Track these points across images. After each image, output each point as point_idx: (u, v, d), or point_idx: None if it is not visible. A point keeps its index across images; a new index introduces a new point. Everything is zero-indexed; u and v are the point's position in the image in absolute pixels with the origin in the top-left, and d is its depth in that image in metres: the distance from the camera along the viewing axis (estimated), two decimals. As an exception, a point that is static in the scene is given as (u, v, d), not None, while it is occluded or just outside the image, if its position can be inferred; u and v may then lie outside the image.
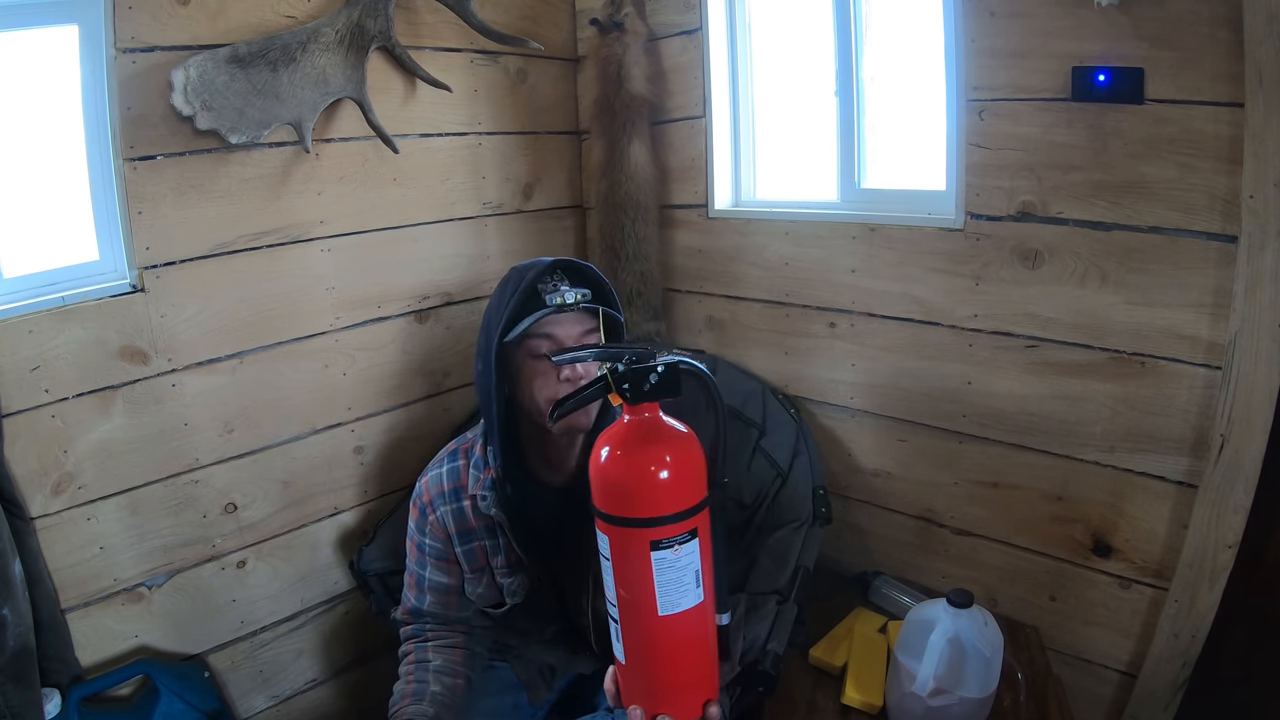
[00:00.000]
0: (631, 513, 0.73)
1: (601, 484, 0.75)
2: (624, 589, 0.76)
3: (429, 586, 1.20)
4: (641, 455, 0.74)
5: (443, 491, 1.18)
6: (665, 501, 0.73)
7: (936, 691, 1.11)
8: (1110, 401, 1.34)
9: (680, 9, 1.71)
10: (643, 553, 0.73)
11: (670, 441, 0.75)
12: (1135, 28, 1.19)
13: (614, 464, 0.74)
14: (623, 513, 0.74)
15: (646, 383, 0.75)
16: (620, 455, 0.75)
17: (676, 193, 1.81)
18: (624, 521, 0.74)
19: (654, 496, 0.73)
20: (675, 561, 0.73)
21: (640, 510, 0.73)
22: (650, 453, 0.73)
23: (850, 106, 1.60)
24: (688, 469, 0.74)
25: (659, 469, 0.73)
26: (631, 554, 0.74)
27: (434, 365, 1.73)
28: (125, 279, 1.30)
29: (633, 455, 0.74)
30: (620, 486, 0.74)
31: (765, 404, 1.64)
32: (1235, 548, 1.22)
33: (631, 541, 0.74)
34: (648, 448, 0.74)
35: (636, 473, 0.73)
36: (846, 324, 1.62)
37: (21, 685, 1.12)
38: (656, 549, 0.73)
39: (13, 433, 1.18)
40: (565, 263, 1.12)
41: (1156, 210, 1.23)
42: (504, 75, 1.75)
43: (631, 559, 0.74)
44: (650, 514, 0.73)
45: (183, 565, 1.41)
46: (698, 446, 0.77)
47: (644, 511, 0.73)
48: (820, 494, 1.51)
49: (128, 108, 1.25)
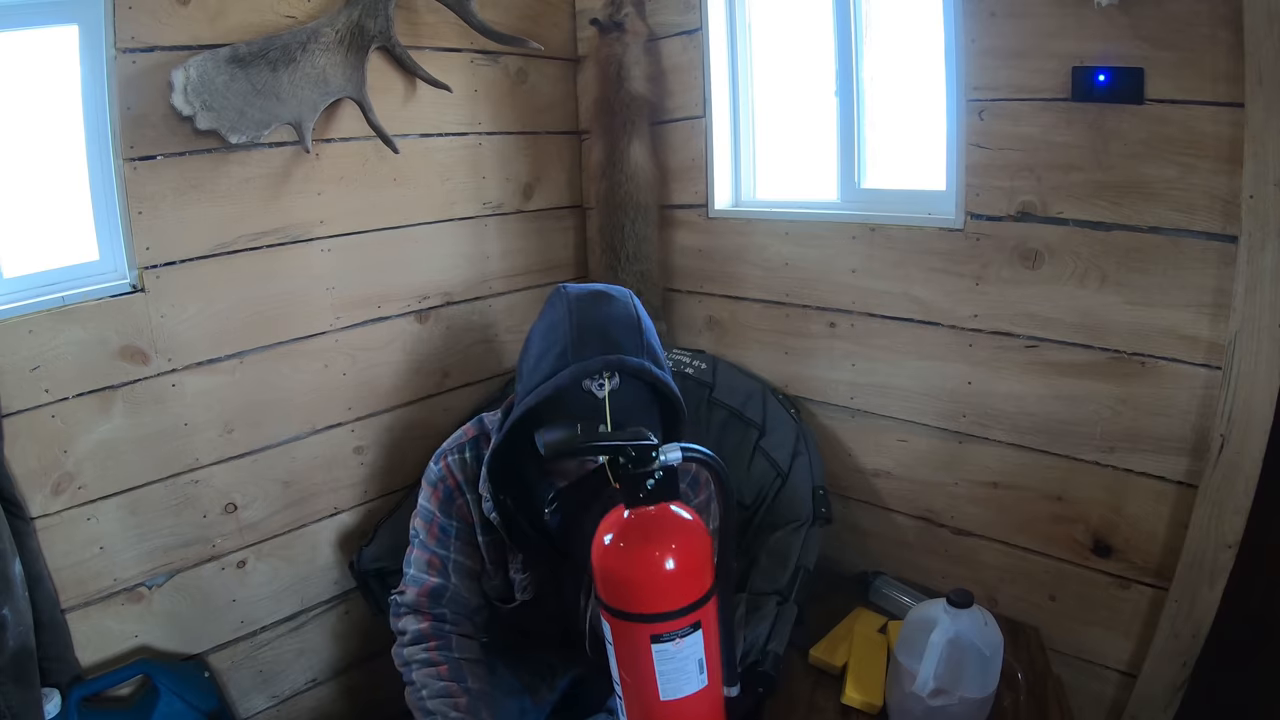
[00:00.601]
0: (631, 608, 0.71)
1: (602, 575, 0.72)
2: (626, 674, 0.74)
3: (455, 568, 1.15)
4: (642, 551, 0.70)
5: (469, 479, 1.14)
6: (667, 598, 0.70)
7: (936, 691, 1.11)
8: (1110, 401, 1.34)
9: (680, 9, 1.71)
10: (643, 645, 0.71)
11: (673, 535, 0.71)
12: (1135, 28, 1.19)
13: (614, 557, 0.71)
14: (622, 606, 0.71)
15: (643, 488, 0.71)
16: (621, 549, 0.71)
17: (676, 193, 1.81)
18: (624, 615, 0.71)
19: (655, 593, 0.70)
20: (677, 653, 0.71)
21: (641, 606, 0.70)
22: (651, 548, 0.70)
23: (850, 106, 1.60)
24: (691, 563, 0.71)
25: (660, 565, 0.69)
26: (632, 645, 0.72)
27: (434, 365, 1.73)
28: (125, 279, 1.30)
29: (633, 550, 0.71)
30: (620, 581, 0.71)
31: (765, 404, 1.64)
32: (1235, 548, 1.22)
33: (632, 634, 0.71)
34: (649, 542, 0.70)
35: (637, 569, 0.70)
36: (846, 324, 1.62)
37: (21, 685, 1.12)
38: (657, 642, 0.70)
39: (13, 433, 1.18)
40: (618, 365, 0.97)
41: (1156, 210, 1.23)
42: (504, 75, 1.75)
43: (632, 650, 0.72)
44: (651, 610, 0.70)
45: (183, 565, 1.41)
46: (703, 536, 0.73)
47: (644, 608, 0.70)
48: (820, 494, 1.51)
49: (128, 108, 1.25)
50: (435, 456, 1.18)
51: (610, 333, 0.99)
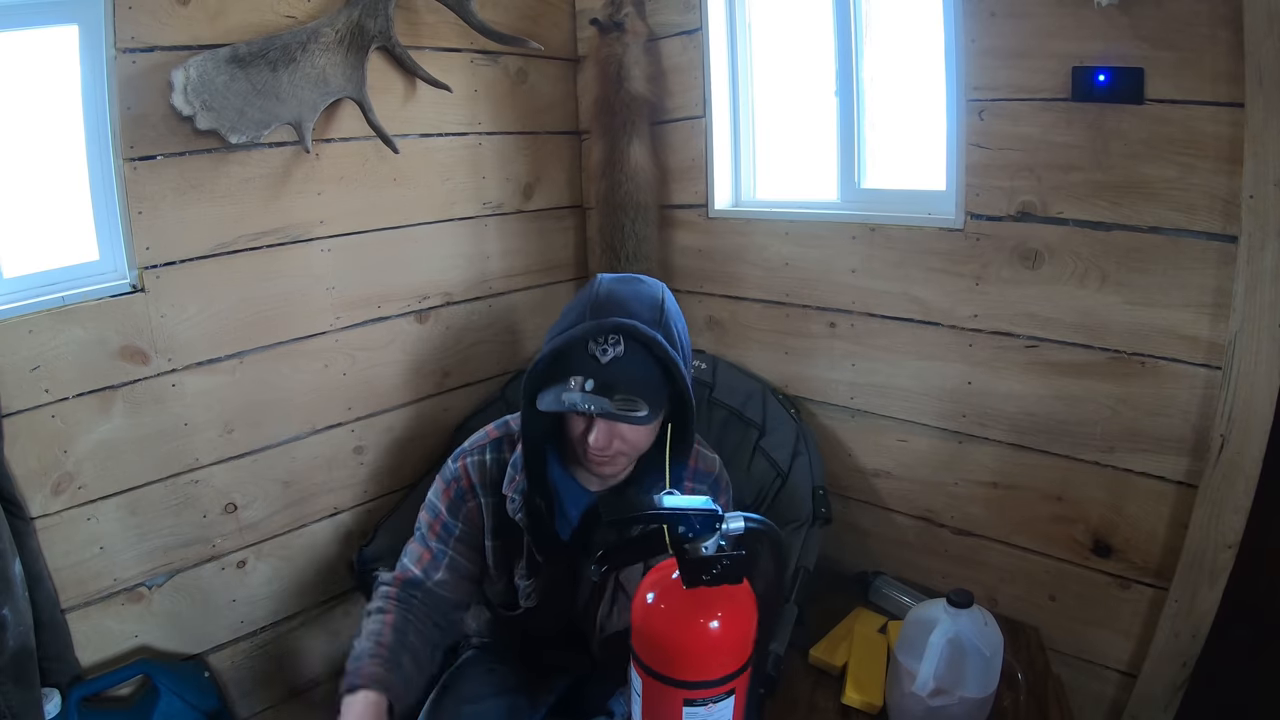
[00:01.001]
0: (670, 673, 0.69)
1: (642, 634, 0.70)
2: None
3: (449, 565, 1.13)
4: (689, 620, 0.68)
5: (486, 484, 1.12)
6: (707, 669, 0.69)
7: (936, 691, 1.11)
8: (1110, 401, 1.34)
9: (680, 9, 1.71)
10: (675, 707, 0.70)
11: (722, 608, 0.69)
12: (1135, 28, 1.19)
13: (658, 620, 0.69)
14: (661, 670, 0.70)
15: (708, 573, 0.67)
16: (666, 612, 0.70)
17: (676, 193, 1.81)
18: (661, 678, 0.70)
19: (696, 664, 0.69)
20: (707, 716, 0.70)
21: (680, 674, 0.69)
22: (699, 619, 0.68)
23: (850, 106, 1.60)
24: (735, 637, 0.70)
25: (706, 638, 0.68)
26: (663, 705, 0.71)
27: (434, 365, 1.73)
28: (125, 279, 1.31)
29: (680, 618, 0.69)
30: (662, 646, 0.69)
31: (765, 404, 1.64)
32: (1235, 548, 1.22)
33: (665, 696, 0.70)
34: (697, 613, 0.69)
35: (681, 638, 0.69)
36: (846, 324, 1.62)
37: (21, 685, 1.12)
38: (689, 705, 0.69)
39: (13, 433, 1.18)
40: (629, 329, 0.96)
41: (1156, 210, 1.23)
42: (504, 75, 1.75)
43: (662, 708, 0.71)
44: (689, 678, 0.69)
45: (183, 565, 1.41)
46: (751, 611, 0.71)
47: (683, 675, 0.69)
48: (820, 494, 1.51)
49: (128, 108, 1.25)
50: (454, 455, 1.16)
51: (630, 305, 0.99)
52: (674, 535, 0.67)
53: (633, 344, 0.97)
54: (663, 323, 1.00)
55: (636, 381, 0.96)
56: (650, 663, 0.71)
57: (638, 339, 0.96)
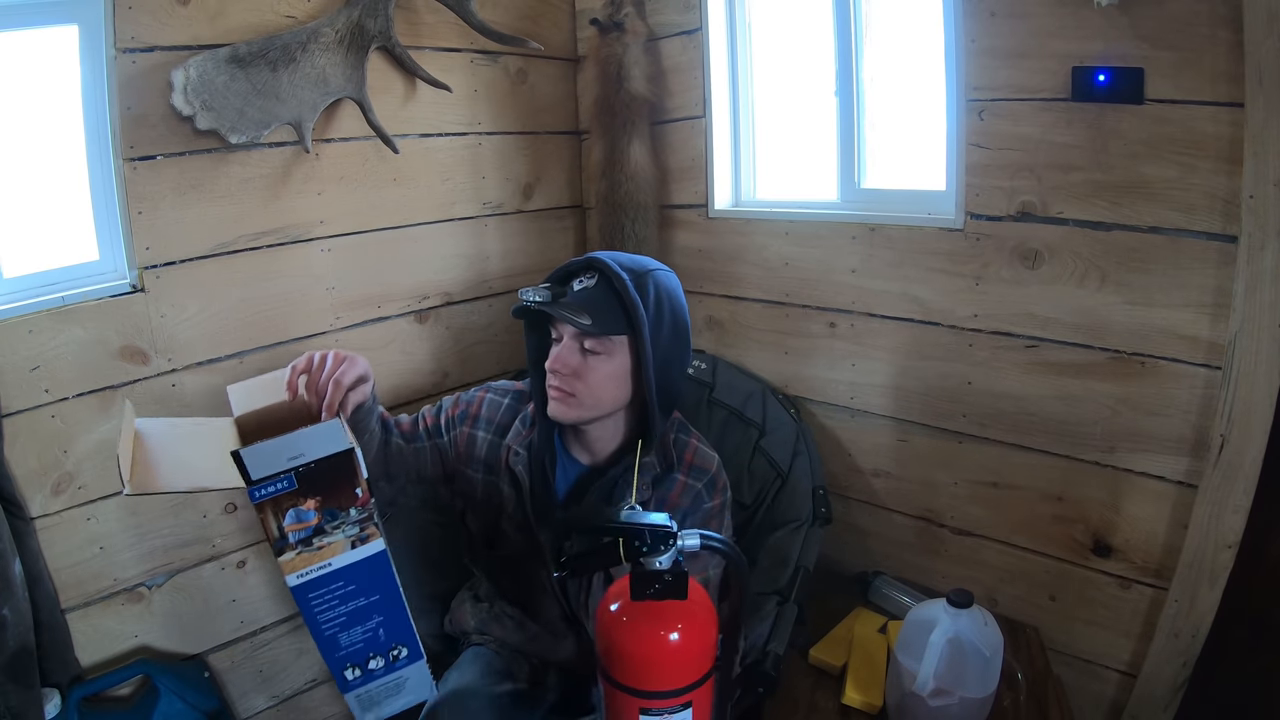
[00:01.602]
0: (626, 681, 0.71)
1: (602, 642, 0.72)
2: None
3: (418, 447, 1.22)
4: (648, 630, 0.70)
5: (494, 421, 1.21)
6: (663, 679, 0.70)
7: (936, 691, 1.11)
8: (1110, 401, 1.34)
9: (680, 9, 1.71)
10: (631, 716, 0.71)
11: (682, 621, 0.71)
12: (1135, 28, 1.19)
13: (617, 628, 0.71)
14: (618, 678, 0.71)
15: (652, 587, 0.70)
16: (625, 622, 0.71)
17: (676, 193, 1.81)
18: (619, 686, 0.71)
19: (651, 673, 0.70)
20: None
21: (635, 682, 0.70)
22: (656, 630, 0.70)
23: (850, 106, 1.60)
24: (693, 650, 0.71)
25: (661, 648, 0.70)
26: (620, 713, 0.72)
27: (434, 365, 1.73)
28: (125, 279, 1.31)
29: (637, 628, 0.71)
30: (619, 655, 0.71)
31: (765, 404, 1.64)
32: (1235, 548, 1.22)
33: (622, 703, 0.72)
34: (657, 624, 0.70)
35: (638, 647, 0.70)
36: (846, 324, 1.62)
37: (21, 685, 1.12)
38: (645, 715, 0.71)
39: (13, 433, 1.19)
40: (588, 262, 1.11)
41: (1156, 210, 1.23)
42: (504, 75, 1.75)
43: (619, 717, 0.73)
44: (644, 688, 0.70)
45: (183, 565, 1.41)
46: (710, 624, 0.73)
47: (639, 684, 0.70)
48: (820, 494, 1.51)
49: (128, 108, 1.25)
50: (481, 386, 1.27)
51: (620, 256, 1.11)
52: (629, 548, 0.70)
53: (604, 280, 1.07)
54: (643, 283, 1.08)
55: (593, 302, 1.06)
56: (610, 670, 0.72)
57: (607, 275, 1.07)
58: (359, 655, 0.90)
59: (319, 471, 0.78)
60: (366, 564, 0.84)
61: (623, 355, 1.09)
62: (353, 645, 0.89)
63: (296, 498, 0.79)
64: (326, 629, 0.88)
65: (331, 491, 0.79)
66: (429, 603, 1.45)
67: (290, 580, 0.84)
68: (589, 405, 1.09)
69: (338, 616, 0.88)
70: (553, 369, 1.08)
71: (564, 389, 1.08)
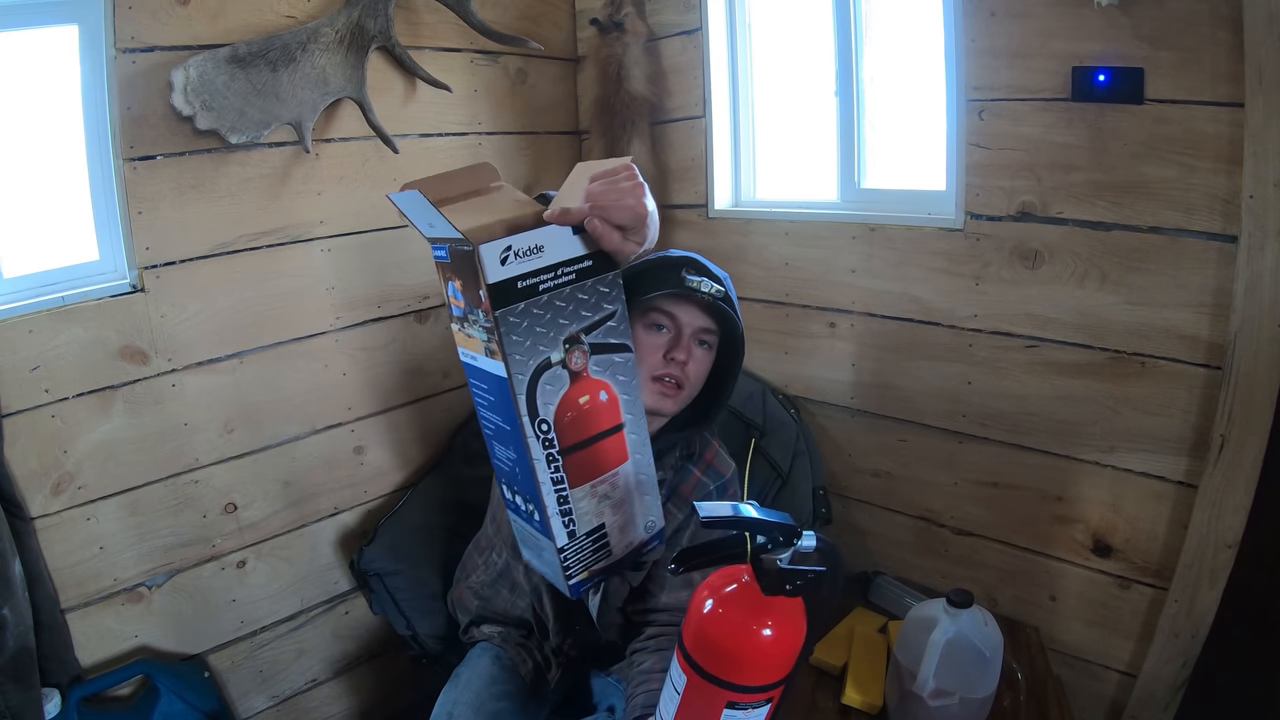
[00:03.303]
0: (721, 674, 0.72)
1: (698, 633, 0.73)
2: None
3: None
4: (751, 627, 0.71)
5: None
6: (757, 675, 0.72)
7: (936, 692, 1.11)
8: (1110, 401, 1.34)
9: (680, 9, 1.71)
10: (717, 708, 0.73)
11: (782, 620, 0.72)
12: (1135, 28, 1.19)
13: (718, 621, 0.72)
14: (711, 670, 0.72)
15: (791, 583, 0.71)
16: (726, 615, 0.72)
17: (676, 193, 1.81)
18: (710, 678, 0.72)
19: (748, 669, 0.72)
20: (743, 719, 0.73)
21: (730, 676, 0.72)
22: (759, 627, 0.71)
23: (850, 106, 1.60)
24: (787, 650, 0.72)
25: (762, 646, 0.71)
26: (704, 704, 0.73)
27: (434, 365, 1.73)
28: (125, 279, 1.31)
29: (741, 624, 0.72)
30: (718, 647, 0.72)
31: (765, 404, 1.64)
32: (1235, 548, 1.22)
33: (709, 695, 0.73)
34: (759, 621, 0.71)
35: (740, 643, 0.71)
36: (846, 324, 1.62)
37: (21, 685, 1.12)
38: (731, 708, 0.72)
39: (13, 433, 1.18)
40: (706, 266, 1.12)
41: (1156, 210, 1.23)
42: (504, 75, 1.75)
43: (703, 708, 0.74)
44: (739, 682, 0.72)
45: (183, 565, 1.41)
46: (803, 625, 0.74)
47: (734, 678, 0.72)
48: (820, 494, 1.51)
49: (128, 108, 1.25)
50: None
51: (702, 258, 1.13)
52: (754, 545, 0.71)
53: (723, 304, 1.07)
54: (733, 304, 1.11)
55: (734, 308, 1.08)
56: (702, 662, 0.73)
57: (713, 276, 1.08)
58: (511, 478, 0.81)
59: (459, 256, 0.71)
60: (497, 381, 0.75)
61: (714, 352, 1.12)
62: (504, 463, 0.81)
63: (449, 272, 0.74)
64: (485, 427, 0.80)
65: (469, 283, 0.71)
66: (431, 602, 1.45)
67: (459, 354, 0.79)
68: (689, 396, 1.11)
69: (489, 422, 0.80)
70: (681, 359, 1.08)
71: (679, 378, 1.08)
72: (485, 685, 1.21)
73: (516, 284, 0.69)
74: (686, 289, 1.04)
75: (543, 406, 0.73)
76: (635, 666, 1.11)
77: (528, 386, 0.72)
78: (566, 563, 0.79)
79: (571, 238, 0.71)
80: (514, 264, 0.68)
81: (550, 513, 0.76)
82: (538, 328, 0.71)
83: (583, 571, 0.80)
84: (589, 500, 0.78)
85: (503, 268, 0.68)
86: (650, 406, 1.09)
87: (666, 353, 1.07)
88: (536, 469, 0.74)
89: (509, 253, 0.68)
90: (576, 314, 0.73)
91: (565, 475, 0.76)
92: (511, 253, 0.68)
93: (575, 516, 0.78)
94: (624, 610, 1.18)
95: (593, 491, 0.78)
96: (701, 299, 1.05)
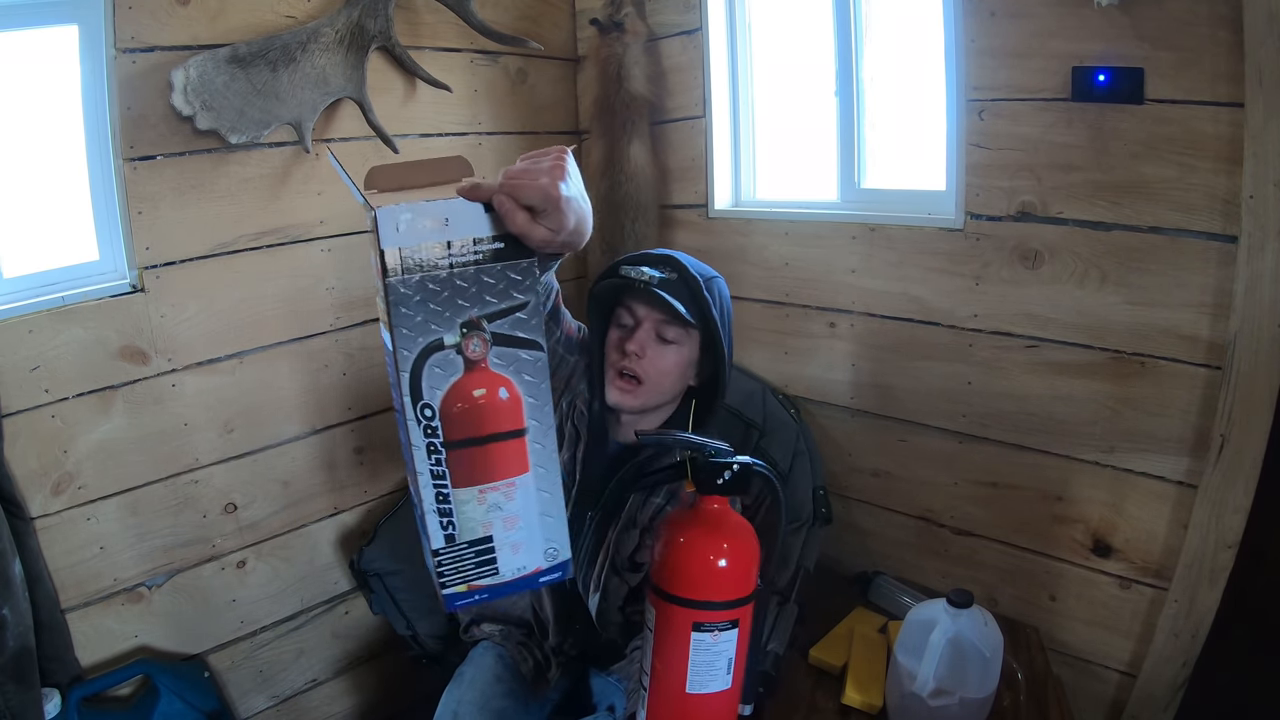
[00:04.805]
0: (682, 592, 0.77)
1: (661, 560, 0.79)
2: (659, 662, 0.80)
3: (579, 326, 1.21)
4: (702, 541, 0.78)
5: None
6: (715, 588, 0.77)
7: (936, 692, 1.11)
8: (1110, 401, 1.34)
9: (680, 9, 1.71)
10: (684, 631, 0.77)
11: (731, 533, 0.79)
12: (1135, 28, 1.19)
13: (675, 545, 0.79)
14: (674, 590, 0.78)
15: (720, 477, 0.78)
16: (675, 529, 0.80)
17: (676, 193, 1.81)
18: (673, 599, 0.78)
19: (705, 581, 0.77)
20: (712, 645, 0.78)
21: (690, 591, 0.77)
22: (710, 540, 0.78)
23: (850, 106, 1.60)
24: (742, 562, 0.79)
25: (716, 557, 0.77)
26: (673, 630, 0.78)
27: (434, 365, 1.72)
28: (125, 279, 1.31)
29: (694, 539, 0.79)
30: (677, 566, 0.78)
31: (765, 404, 1.64)
32: (1235, 548, 1.22)
33: (676, 618, 0.78)
34: (709, 535, 0.78)
35: (694, 556, 0.78)
36: (846, 324, 1.62)
37: (21, 685, 1.12)
38: (697, 630, 0.77)
39: (13, 433, 1.19)
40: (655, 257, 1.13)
41: (1156, 210, 1.23)
42: (504, 75, 1.75)
43: (672, 634, 0.78)
44: (699, 597, 0.77)
45: (183, 565, 1.41)
46: (754, 542, 0.81)
47: (694, 594, 0.77)
48: (820, 494, 1.51)
49: (128, 108, 1.25)
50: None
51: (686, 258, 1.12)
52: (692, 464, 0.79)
53: (681, 276, 1.08)
54: (710, 286, 1.11)
55: (676, 294, 1.06)
56: (664, 585, 0.78)
57: (684, 273, 1.08)
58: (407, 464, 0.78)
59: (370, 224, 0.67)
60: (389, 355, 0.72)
61: (690, 348, 1.11)
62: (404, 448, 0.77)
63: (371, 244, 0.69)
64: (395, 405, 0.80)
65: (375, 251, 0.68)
66: (431, 602, 1.45)
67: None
68: (651, 392, 1.11)
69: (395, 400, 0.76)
70: (632, 350, 1.08)
71: (634, 372, 1.09)
72: (490, 684, 1.21)
73: (412, 253, 0.65)
74: (623, 279, 1.07)
75: (428, 390, 0.68)
76: (635, 665, 1.11)
77: (413, 365, 0.67)
78: (441, 568, 0.71)
79: (483, 215, 0.67)
80: (412, 233, 0.65)
81: (428, 508, 0.70)
82: (432, 304, 0.66)
83: (460, 584, 0.72)
84: (475, 505, 0.71)
85: (398, 234, 0.64)
86: (611, 402, 1.11)
87: (619, 344, 1.10)
88: (415, 457, 0.69)
89: (409, 220, 0.65)
90: (480, 298, 0.68)
91: (448, 471, 0.70)
92: (411, 220, 0.65)
93: (457, 520, 0.71)
94: (624, 610, 1.18)
95: (480, 497, 0.71)
96: (640, 288, 1.06)
